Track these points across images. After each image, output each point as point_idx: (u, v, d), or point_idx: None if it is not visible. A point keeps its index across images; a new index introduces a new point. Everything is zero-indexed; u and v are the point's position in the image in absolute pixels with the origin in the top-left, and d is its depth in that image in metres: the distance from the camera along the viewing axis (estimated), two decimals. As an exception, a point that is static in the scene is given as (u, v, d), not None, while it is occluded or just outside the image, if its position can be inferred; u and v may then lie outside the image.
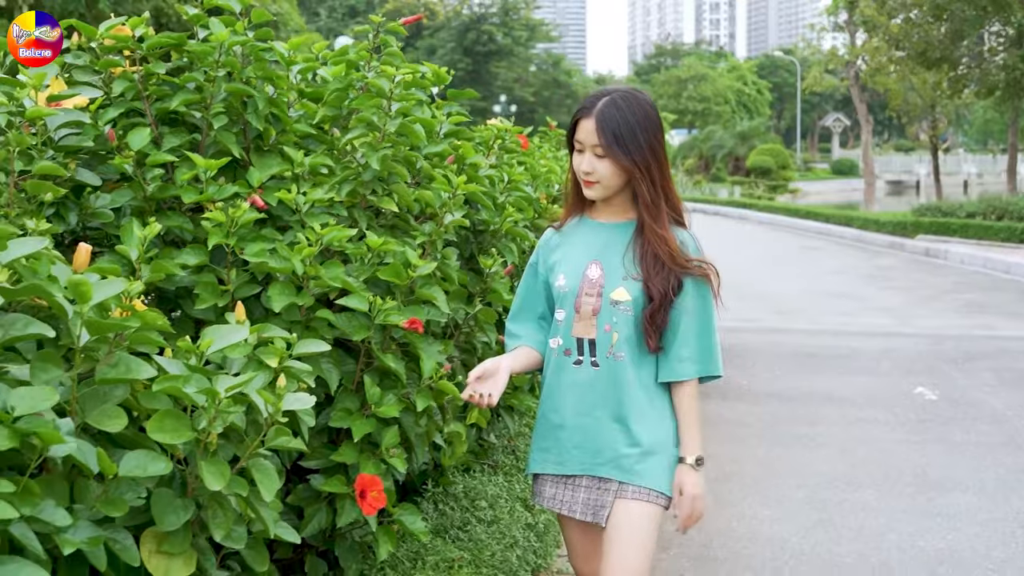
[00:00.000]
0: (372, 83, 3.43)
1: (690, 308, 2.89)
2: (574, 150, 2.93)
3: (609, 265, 2.91)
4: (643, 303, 2.86)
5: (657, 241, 2.85)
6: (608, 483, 2.90)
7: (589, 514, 2.93)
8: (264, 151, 3.51)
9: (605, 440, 2.89)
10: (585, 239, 3.00)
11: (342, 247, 3.15)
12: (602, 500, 2.90)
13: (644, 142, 2.82)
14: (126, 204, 3.22)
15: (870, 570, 4.88)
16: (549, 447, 2.99)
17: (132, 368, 2.37)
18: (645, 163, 2.83)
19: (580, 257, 2.96)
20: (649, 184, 2.85)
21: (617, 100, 2.84)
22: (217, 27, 3.35)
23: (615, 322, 2.87)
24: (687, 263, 2.87)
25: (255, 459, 2.52)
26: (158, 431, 2.29)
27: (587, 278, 2.91)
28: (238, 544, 2.50)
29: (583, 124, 2.86)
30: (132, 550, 2.32)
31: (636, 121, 2.82)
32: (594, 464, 2.91)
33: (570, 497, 2.96)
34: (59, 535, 2.12)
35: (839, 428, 7.53)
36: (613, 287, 2.88)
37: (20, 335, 2.21)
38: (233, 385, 2.35)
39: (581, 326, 2.91)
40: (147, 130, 3.23)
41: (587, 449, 2.91)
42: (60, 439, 2.05)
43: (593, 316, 2.89)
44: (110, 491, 2.28)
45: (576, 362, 2.92)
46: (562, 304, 2.95)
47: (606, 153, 2.81)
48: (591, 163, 2.85)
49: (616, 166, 2.83)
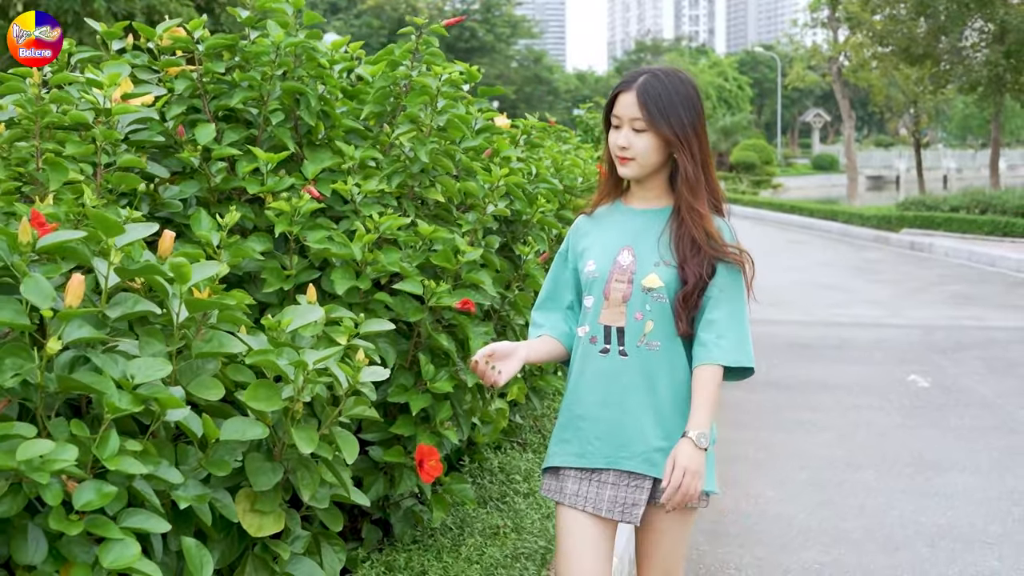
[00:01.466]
0: (420, 81, 3.65)
1: (722, 295, 2.74)
2: (610, 128, 2.79)
3: (641, 251, 2.77)
4: (676, 288, 2.72)
5: (694, 220, 2.72)
6: (640, 479, 2.73)
7: (617, 512, 2.74)
8: (316, 145, 3.72)
9: (633, 433, 2.73)
10: (618, 224, 2.85)
11: (394, 235, 3.38)
12: (634, 497, 2.73)
13: (686, 118, 2.70)
14: (192, 195, 3.43)
15: (875, 545, 5.12)
16: (569, 439, 2.82)
17: (224, 343, 2.59)
18: (687, 137, 2.70)
19: (611, 242, 2.82)
20: (690, 158, 2.71)
21: (659, 74, 2.74)
22: (275, 29, 3.56)
23: (648, 310, 2.73)
24: (723, 247, 2.73)
25: (335, 427, 2.74)
26: (253, 400, 2.51)
27: (618, 264, 2.77)
28: (322, 504, 2.73)
29: (622, 98, 2.73)
30: (231, 507, 2.55)
31: (678, 96, 2.71)
32: (619, 457, 2.74)
33: (595, 494, 2.76)
34: (174, 492, 2.34)
35: (836, 414, 7.79)
36: (645, 273, 2.74)
37: (132, 312, 2.42)
38: (320, 358, 2.57)
39: (609, 313, 2.76)
40: (211, 126, 3.44)
41: (611, 441, 2.75)
42: (180, 404, 2.28)
43: (623, 303, 2.75)
44: (211, 454, 2.50)
45: (603, 350, 2.77)
46: (591, 290, 2.81)
47: (647, 126, 2.68)
48: (628, 138, 2.71)
49: (656, 140, 2.69)
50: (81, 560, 2.11)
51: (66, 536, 2.10)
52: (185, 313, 2.53)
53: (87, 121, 3.03)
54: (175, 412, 2.34)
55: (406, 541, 3.53)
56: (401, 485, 3.27)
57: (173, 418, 2.35)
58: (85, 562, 2.10)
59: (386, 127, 3.76)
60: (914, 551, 5.04)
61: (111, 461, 2.12)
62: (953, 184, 43.56)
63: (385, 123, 3.83)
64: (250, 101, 3.61)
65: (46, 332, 2.23)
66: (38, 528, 2.11)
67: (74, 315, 2.19)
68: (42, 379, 2.16)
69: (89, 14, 20.11)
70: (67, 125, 3.11)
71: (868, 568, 4.82)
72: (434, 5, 77.89)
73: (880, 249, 21.93)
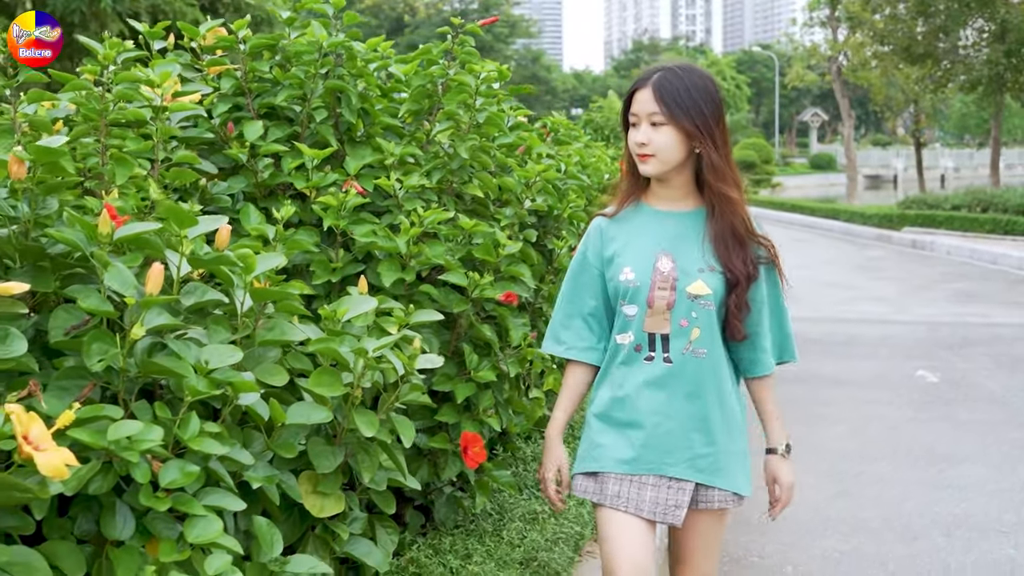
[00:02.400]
0: (460, 80, 3.75)
1: (765, 297, 2.79)
2: (629, 127, 2.77)
3: (682, 257, 2.73)
4: (724, 293, 2.72)
5: (730, 209, 2.71)
6: (682, 483, 2.73)
7: (659, 513, 2.74)
8: (356, 142, 3.82)
9: (679, 439, 2.73)
10: (649, 229, 2.80)
11: (436, 228, 3.48)
12: (677, 500, 2.73)
13: (706, 109, 2.67)
14: (240, 190, 3.53)
15: (893, 534, 5.23)
16: (610, 444, 2.79)
17: (286, 331, 2.70)
18: (707, 128, 2.67)
19: (647, 249, 2.76)
20: (714, 149, 2.69)
21: (675, 70, 2.71)
22: (318, 30, 3.66)
23: (695, 317, 2.70)
24: (757, 236, 2.75)
25: (391, 412, 2.84)
26: (317, 385, 2.62)
27: (658, 271, 2.72)
28: (380, 486, 2.83)
29: (639, 95, 2.71)
30: (296, 488, 2.65)
31: (696, 89, 2.67)
32: (663, 464, 2.73)
33: (636, 495, 2.74)
34: (246, 472, 2.44)
35: (849, 408, 7.90)
36: (690, 280, 2.70)
37: (202, 301, 2.52)
38: (379, 345, 2.67)
39: (653, 321, 2.73)
40: (259, 123, 3.54)
41: (657, 449, 2.73)
42: (254, 388, 2.39)
43: (667, 311, 2.71)
44: (278, 437, 2.61)
45: (648, 358, 2.74)
46: (632, 299, 2.75)
47: (666, 119, 2.65)
48: (647, 134, 2.67)
49: (676, 133, 2.66)
50: (165, 535, 2.21)
51: (152, 513, 2.20)
52: (249, 302, 2.63)
53: (145, 118, 3.12)
54: (247, 396, 2.44)
55: (448, 526, 3.64)
56: (446, 471, 3.37)
57: (245, 402, 2.45)
58: (169, 537, 2.20)
59: (426, 124, 3.86)
60: (931, 540, 5.15)
61: (194, 441, 2.22)
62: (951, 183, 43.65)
63: (423, 120, 3.93)
64: (293, 99, 3.70)
65: (124, 319, 2.33)
66: (126, 505, 2.21)
67: (154, 303, 2.29)
68: (124, 363, 2.26)
69: (95, 14, 20.23)
70: (123, 122, 3.20)
71: (887, 556, 4.92)
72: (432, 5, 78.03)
73: (882, 247, 22.06)
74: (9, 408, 1.86)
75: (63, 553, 2.07)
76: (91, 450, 2.08)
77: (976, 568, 4.77)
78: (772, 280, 2.83)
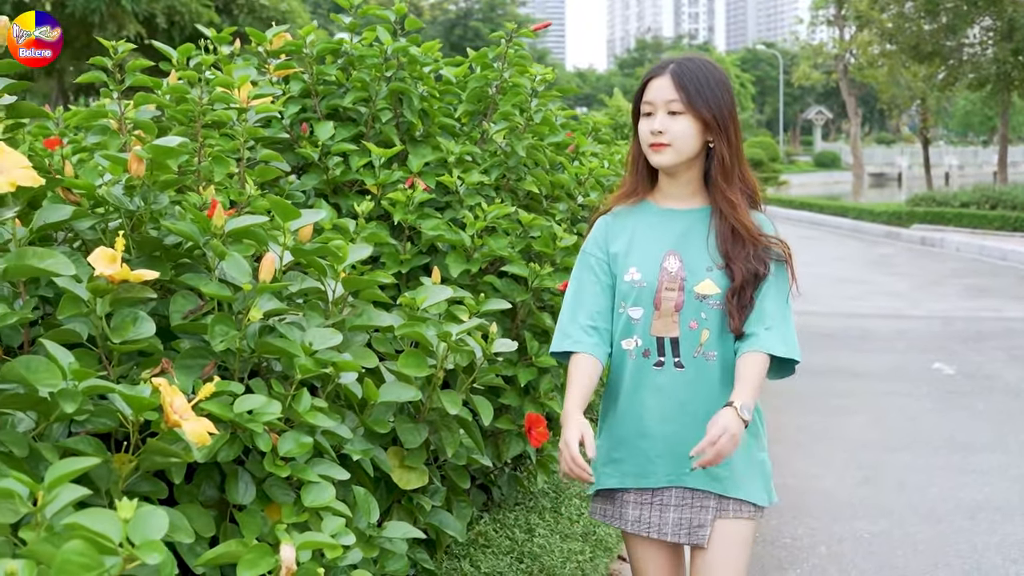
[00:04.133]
0: (515, 82, 3.96)
1: (770, 291, 2.63)
2: (640, 117, 2.67)
3: (690, 256, 2.64)
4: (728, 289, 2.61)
5: (729, 210, 2.62)
6: (704, 498, 2.64)
7: (683, 535, 2.65)
8: (416, 141, 4.03)
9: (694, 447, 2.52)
10: (655, 227, 2.71)
11: (496, 223, 3.69)
12: (699, 518, 2.63)
13: (723, 100, 2.61)
14: (312, 187, 3.74)
15: (918, 517, 5.43)
16: (625, 458, 2.69)
17: (373, 317, 2.91)
18: (724, 121, 2.60)
19: (653, 247, 2.67)
20: (727, 145, 2.61)
21: (692, 59, 2.65)
22: (383, 35, 3.87)
23: (704, 318, 2.61)
24: (767, 238, 2.64)
25: (469, 393, 3.05)
26: (405, 366, 2.83)
27: (665, 271, 2.63)
28: (460, 461, 3.05)
29: (654, 83, 2.62)
30: (387, 462, 2.86)
31: (714, 80, 2.60)
32: (682, 475, 2.63)
33: (658, 518, 2.66)
34: (346, 446, 2.65)
35: (868, 399, 8.10)
36: (698, 280, 2.61)
37: (303, 288, 2.74)
38: (461, 330, 2.89)
39: (661, 324, 2.62)
40: (329, 124, 3.76)
41: (673, 458, 2.62)
42: (356, 367, 2.60)
43: (675, 313, 2.61)
44: (369, 415, 2.82)
45: (657, 363, 2.63)
46: (638, 301, 2.65)
47: (685, 107, 2.57)
48: (663, 122, 2.58)
49: (694, 123, 2.57)
50: (282, 500, 2.42)
51: (270, 480, 2.42)
52: (341, 290, 2.85)
53: (231, 119, 3.33)
54: (347, 375, 2.66)
55: (510, 503, 3.86)
56: (510, 450, 3.58)
57: (344, 381, 2.66)
58: (287, 502, 2.42)
59: (484, 124, 4.07)
60: (956, 523, 5.35)
61: (308, 415, 2.44)
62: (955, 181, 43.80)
63: (480, 120, 4.14)
64: (359, 101, 3.91)
65: (237, 305, 2.54)
66: (247, 472, 2.42)
67: (267, 289, 2.50)
68: (240, 344, 2.47)
69: (112, 15, 20.51)
70: (209, 123, 3.42)
71: (915, 538, 5.13)
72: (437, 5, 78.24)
73: (892, 244, 22.26)
74: (156, 382, 2.07)
75: (194, 515, 2.27)
76: (218, 422, 2.29)
77: (1001, 548, 4.97)
78: (780, 275, 2.66)
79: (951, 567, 4.76)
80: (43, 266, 2.05)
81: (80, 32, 21.29)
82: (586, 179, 4.00)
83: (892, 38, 28.80)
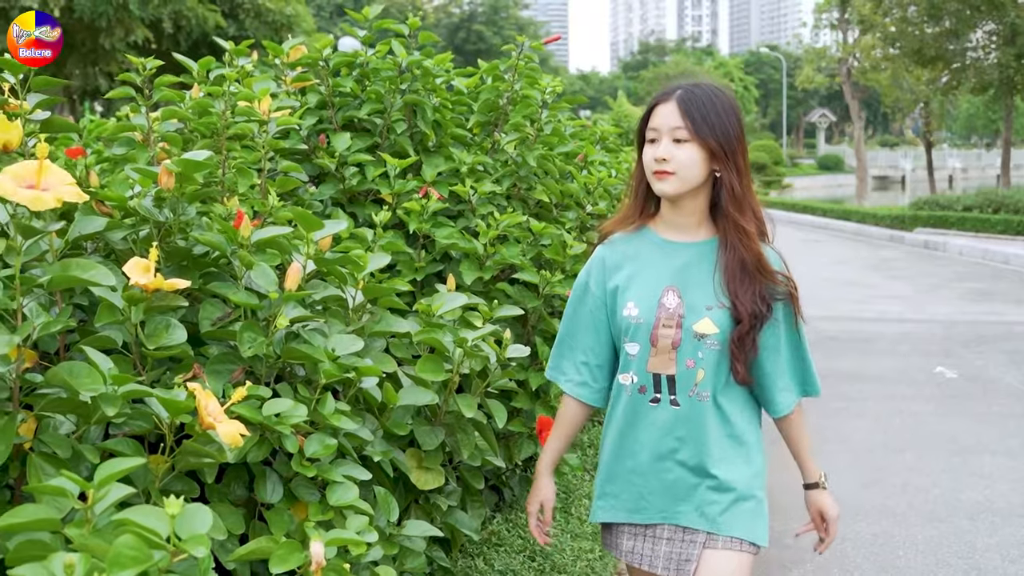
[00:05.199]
0: (527, 93, 4.08)
1: (783, 337, 2.63)
2: (645, 143, 2.60)
3: (690, 292, 2.57)
4: (731, 332, 2.55)
5: (742, 241, 2.55)
6: (693, 534, 2.60)
7: (672, 569, 2.62)
8: (429, 151, 4.15)
9: (687, 485, 2.59)
10: (656, 260, 2.64)
11: (508, 231, 3.80)
12: (687, 553, 2.61)
13: (731, 128, 2.53)
14: (329, 196, 3.86)
15: (920, 518, 5.54)
16: (620, 493, 2.68)
17: (391, 324, 3.02)
18: (731, 149, 2.52)
19: (652, 282, 2.61)
20: (735, 173, 2.53)
21: (700, 85, 2.57)
22: (398, 48, 3.98)
23: (700, 357, 2.54)
24: (773, 274, 2.58)
25: (483, 396, 3.16)
26: (424, 371, 2.94)
27: (663, 307, 2.57)
28: (475, 462, 3.15)
29: (660, 109, 2.55)
30: (405, 463, 2.98)
31: (721, 107, 2.53)
32: (675, 512, 2.61)
33: (650, 551, 2.65)
34: (367, 447, 2.76)
35: (872, 402, 8.21)
36: (696, 318, 2.55)
37: (326, 296, 2.85)
38: (477, 336, 3.00)
39: (658, 361, 2.57)
40: (347, 135, 3.87)
41: (666, 496, 2.61)
42: (377, 372, 2.71)
43: (672, 350, 2.56)
44: (388, 418, 2.93)
45: (653, 400, 2.59)
46: (635, 337, 2.60)
47: (690, 135, 2.49)
48: (668, 149, 2.50)
49: (699, 151, 2.49)
50: (308, 499, 2.53)
51: (295, 480, 2.53)
52: (361, 297, 2.96)
53: (252, 132, 3.44)
54: (368, 380, 2.77)
55: (521, 504, 3.96)
56: (521, 452, 3.69)
57: (365, 385, 2.77)
58: (313, 501, 2.53)
59: (496, 134, 4.18)
60: (956, 524, 5.46)
61: (333, 418, 2.55)
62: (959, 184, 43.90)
63: (492, 130, 4.26)
64: (374, 112, 4.03)
65: (262, 312, 2.65)
66: (275, 472, 2.54)
67: (293, 297, 2.61)
68: (267, 350, 2.58)
69: (120, 20, 20.65)
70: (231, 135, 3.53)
71: (916, 538, 5.24)
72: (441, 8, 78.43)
73: (895, 248, 22.38)
74: (191, 387, 2.18)
75: (225, 513, 2.39)
76: (248, 424, 2.39)
77: (1000, 548, 5.08)
78: (788, 318, 2.64)
79: (951, 567, 4.86)
80: (87, 277, 2.15)
81: (87, 36, 21.44)
82: (595, 188, 4.12)
83: (895, 42, 28.93)
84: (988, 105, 32.29)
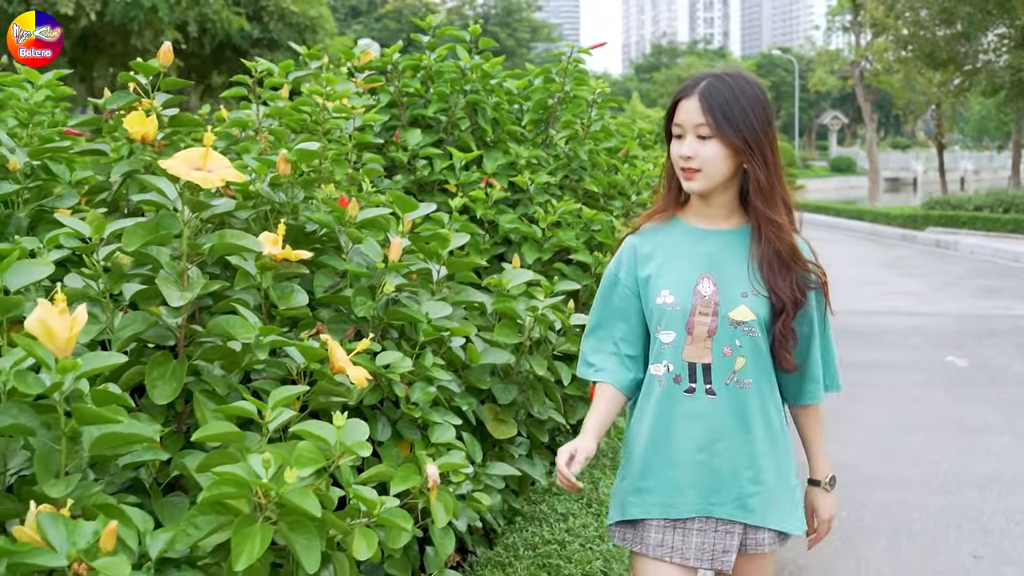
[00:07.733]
0: (577, 93, 4.53)
1: (815, 324, 2.61)
2: (672, 138, 2.56)
3: (724, 279, 2.53)
4: (769, 319, 2.52)
5: (776, 234, 2.51)
6: (730, 525, 2.53)
7: (706, 559, 2.54)
8: (488, 146, 4.60)
9: (726, 478, 2.52)
10: (688, 248, 2.59)
11: (563, 217, 4.25)
12: (724, 544, 2.54)
13: (756, 121, 2.46)
14: (402, 186, 4.31)
15: (932, 490, 5.97)
16: (652, 488, 2.56)
17: (471, 294, 3.47)
18: (757, 143, 2.46)
19: (687, 269, 2.55)
20: (763, 166, 2.47)
21: (723, 77, 2.50)
22: (462, 53, 4.44)
23: (738, 345, 2.50)
24: (806, 263, 2.56)
25: (550, 359, 3.61)
26: (501, 335, 3.39)
27: (699, 294, 2.52)
28: (543, 417, 3.60)
29: (683, 105, 2.50)
30: (485, 414, 3.42)
31: (745, 99, 2.47)
32: (710, 505, 2.52)
33: (680, 542, 2.55)
34: (457, 398, 3.21)
35: (885, 389, 8.64)
36: (732, 305, 2.50)
37: (417, 269, 3.29)
38: (547, 304, 3.45)
39: (693, 349, 2.51)
40: (417, 131, 4.32)
41: (704, 489, 2.52)
42: (467, 332, 3.16)
43: (708, 338, 2.50)
44: (470, 374, 3.38)
45: (688, 390, 2.52)
46: (669, 325, 2.53)
47: (712, 132, 2.44)
48: (692, 147, 2.47)
49: (724, 148, 2.45)
50: (411, 437, 2.98)
51: (401, 421, 2.98)
52: (444, 271, 3.40)
53: (339, 127, 3.89)
54: (455, 340, 3.23)
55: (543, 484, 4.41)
56: (576, 413, 4.13)
57: (453, 345, 3.22)
58: (416, 439, 2.98)
59: (550, 131, 4.63)
60: (966, 494, 5.89)
61: (432, 370, 3.00)
62: (970, 185, 44.14)
63: (544, 127, 4.71)
64: (440, 111, 4.48)
65: (365, 281, 3.10)
66: (384, 415, 2.99)
67: (396, 268, 3.06)
68: (375, 312, 3.03)
69: (150, 23, 21.19)
70: (316, 130, 3.97)
71: (929, 506, 5.67)
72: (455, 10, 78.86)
73: (908, 247, 22.80)
74: (324, 337, 2.63)
75: (345, 447, 2.82)
76: (364, 373, 2.84)
77: (1007, 513, 5.51)
78: (820, 308, 2.61)
79: (961, 528, 5.30)
80: (242, 243, 2.60)
81: (118, 39, 21.98)
82: (639, 179, 4.57)
83: (907, 45, 29.33)
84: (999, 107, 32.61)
